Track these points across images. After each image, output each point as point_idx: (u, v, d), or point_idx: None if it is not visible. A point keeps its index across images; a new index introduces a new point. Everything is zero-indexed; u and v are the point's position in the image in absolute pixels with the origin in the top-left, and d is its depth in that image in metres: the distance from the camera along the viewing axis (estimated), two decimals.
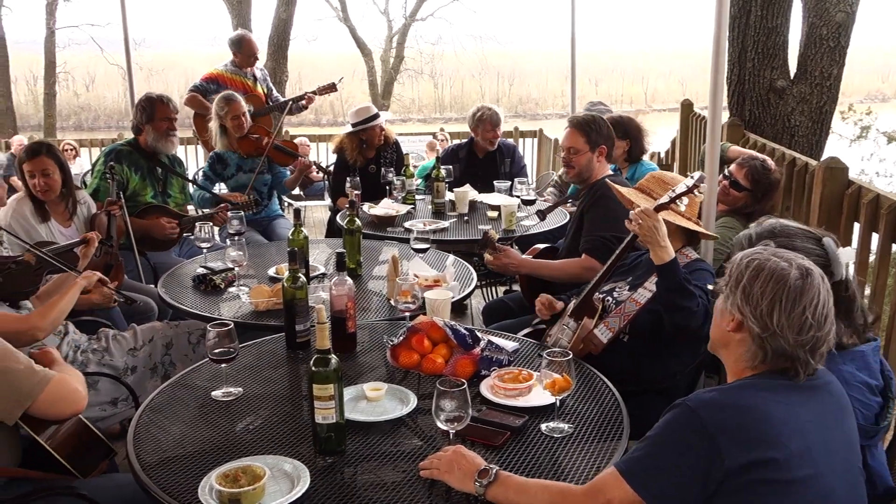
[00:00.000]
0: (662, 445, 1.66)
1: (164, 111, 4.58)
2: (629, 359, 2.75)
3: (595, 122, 3.65)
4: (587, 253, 3.47)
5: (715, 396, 1.68)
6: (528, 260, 3.66)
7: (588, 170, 3.65)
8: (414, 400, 2.31)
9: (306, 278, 2.79)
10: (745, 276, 1.72)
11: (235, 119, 5.11)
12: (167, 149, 4.65)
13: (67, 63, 22.70)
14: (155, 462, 2.03)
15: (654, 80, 34.01)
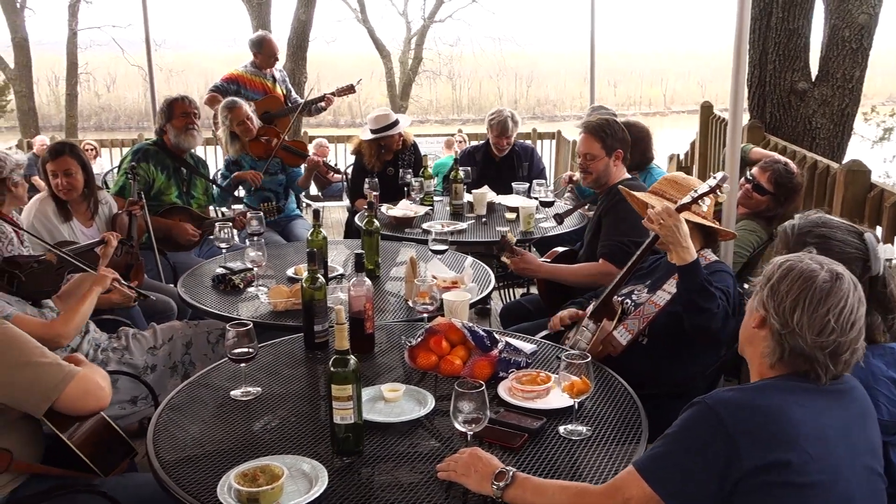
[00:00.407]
0: (681, 443, 1.65)
1: (181, 107, 4.63)
2: (648, 361, 2.74)
3: (609, 127, 3.63)
4: (605, 258, 3.45)
5: (734, 395, 1.67)
6: (545, 264, 3.65)
7: (605, 175, 3.63)
8: (431, 401, 2.31)
9: (325, 279, 2.80)
10: (776, 276, 1.72)
11: (241, 124, 5.15)
12: (189, 143, 4.69)
13: (89, 64, 22.90)
14: (174, 461, 2.04)
15: (673, 81, 33.84)
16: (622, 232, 3.42)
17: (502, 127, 5.37)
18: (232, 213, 5.16)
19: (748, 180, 3.71)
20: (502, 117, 5.37)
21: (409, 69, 24.04)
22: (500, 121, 5.37)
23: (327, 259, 3.48)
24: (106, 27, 21.55)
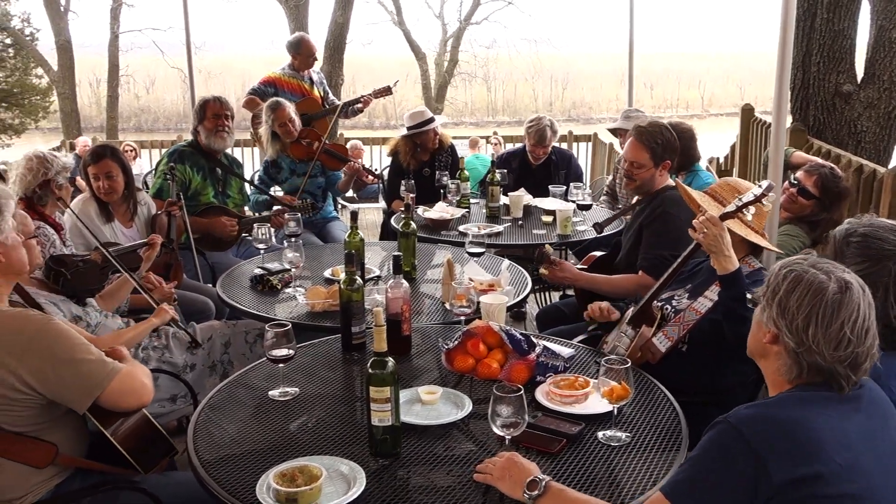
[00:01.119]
0: (707, 465, 1.62)
1: (212, 108, 4.67)
2: (688, 369, 2.70)
3: (661, 135, 3.50)
4: (644, 271, 3.39)
5: (756, 411, 1.64)
6: (583, 274, 3.59)
7: (649, 184, 3.56)
8: (469, 404, 2.30)
9: (362, 280, 2.80)
10: (782, 289, 1.68)
11: (283, 126, 5.17)
12: (219, 145, 4.73)
13: (129, 66, 23.29)
14: (214, 459, 2.06)
15: (711, 83, 33.49)
16: (664, 245, 3.35)
17: (540, 136, 5.31)
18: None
19: (792, 184, 3.65)
20: (541, 126, 5.29)
21: (445, 71, 24.07)
22: (538, 129, 5.30)
23: (364, 261, 3.48)
24: (146, 30, 21.89)
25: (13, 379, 2.04)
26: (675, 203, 3.39)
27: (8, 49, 20.88)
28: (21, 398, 2.06)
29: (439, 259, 3.96)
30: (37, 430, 2.13)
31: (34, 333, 2.09)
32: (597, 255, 3.78)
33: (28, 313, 2.17)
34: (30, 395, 2.07)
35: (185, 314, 3.83)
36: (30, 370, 2.05)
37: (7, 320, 2.11)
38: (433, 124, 5.41)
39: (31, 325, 2.11)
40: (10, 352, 2.05)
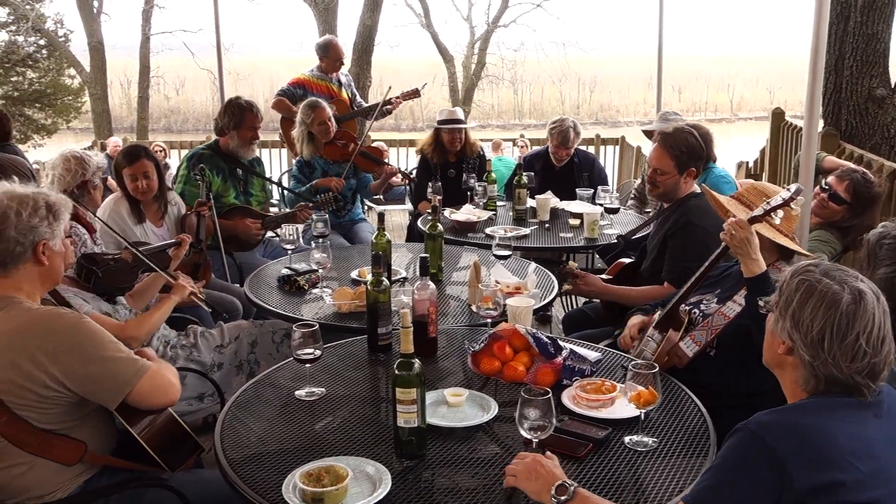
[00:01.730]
0: (729, 474, 1.60)
1: (252, 120, 4.68)
2: (716, 374, 2.67)
3: (687, 144, 3.44)
4: (670, 283, 3.36)
5: (777, 418, 1.62)
6: (608, 287, 3.56)
7: (673, 191, 3.51)
8: (495, 407, 2.30)
9: (388, 282, 2.81)
10: (795, 300, 1.67)
11: (322, 125, 5.18)
12: (247, 155, 4.76)
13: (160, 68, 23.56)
14: (240, 458, 2.07)
15: (741, 87, 33.19)
16: (689, 257, 3.27)
17: (563, 137, 5.29)
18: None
19: (823, 189, 3.60)
20: (564, 127, 5.28)
21: (472, 74, 24.06)
22: (561, 130, 5.29)
23: (391, 262, 3.49)
24: (177, 32, 22.13)
25: (45, 377, 2.07)
26: (699, 213, 3.36)
27: (41, 50, 21.23)
28: (52, 396, 2.09)
29: (465, 261, 3.96)
30: (66, 428, 2.16)
31: (66, 332, 2.12)
32: (624, 262, 3.75)
33: (59, 311, 2.20)
34: (61, 392, 2.10)
35: (214, 314, 3.87)
36: (61, 368, 2.08)
37: (39, 319, 2.14)
38: (458, 125, 5.45)
39: (62, 324, 2.13)
40: (43, 350, 2.07)
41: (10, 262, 2.16)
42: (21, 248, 2.17)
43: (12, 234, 2.15)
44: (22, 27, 20.60)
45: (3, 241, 2.14)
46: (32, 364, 2.06)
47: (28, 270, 2.20)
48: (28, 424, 2.09)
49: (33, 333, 2.10)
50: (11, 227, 2.15)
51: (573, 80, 30.89)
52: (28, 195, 2.21)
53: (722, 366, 2.69)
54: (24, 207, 2.17)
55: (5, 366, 2.06)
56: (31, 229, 2.18)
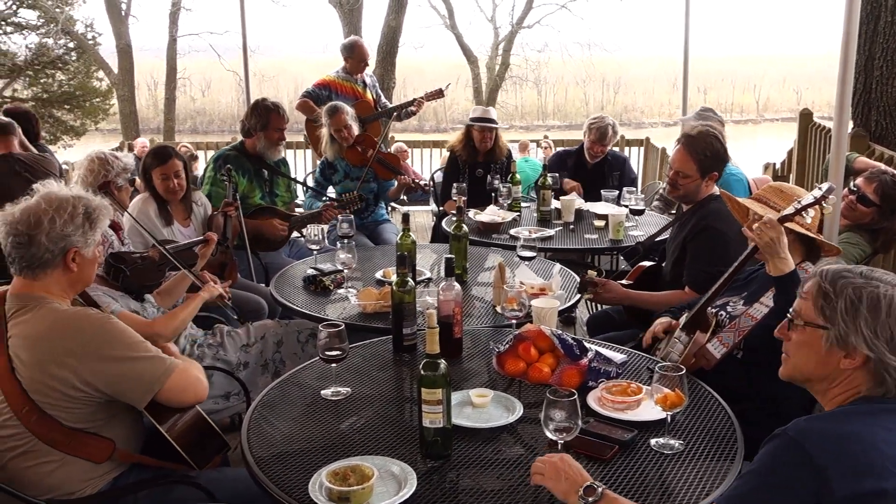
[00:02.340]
0: (765, 479, 1.58)
1: (278, 122, 4.71)
2: (743, 376, 2.65)
3: (710, 147, 3.41)
4: (690, 287, 3.34)
5: (818, 424, 1.60)
6: (629, 293, 3.53)
7: (694, 193, 3.49)
8: (520, 408, 2.29)
9: (413, 282, 2.81)
10: (864, 309, 1.63)
11: (339, 131, 5.21)
12: (273, 157, 4.80)
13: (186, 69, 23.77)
14: (267, 457, 2.09)
15: (767, 88, 32.87)
16: (709, 261, 3.26)
17: (601, 133, 5.31)
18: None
19: (852, 191, 3.56)
20: (604, 124, 5.32)
21: (496, 75, 24.04)
22: (600, 126, 5.32)
23: (415, 263, 3.50)
24: (204, 34, 22.31)
25: (74, 378, 2.09)
26: (719, 217, 3.33)
27: (71, 53, 21.51)
28: (81, 396, 2.12)
29: (490, 262, 3.96)
30: (95, 427, 2.18)
31: (94, 333, 2.14)
32: (645, 266, 3.73)
33: (87, 312, 2.21)
34: (90, 393, 2.12)
35: (240, 314, 3.90)
36: (90, 369, 2.10)
37: (67, 320, 2.16)
38: (490, 124, 5.49)
39: (90, 325, 2.16)
40: (71, 351, 2.09)
41: (39, 267, 2.18)
42: (50, 256, 2.17)
43: (43, 241, 2.15)
44: (52, 30, 20.88)
45: (33, 245, 2.15)
46: (61, 365, 2.08)
47: (56, 276, 2.21)
48: (57, 423, 2.12)
49: (61, 335, 2.12)
50: (43, 234, 2.15)
51: (597, 82, 30.76)
52: (68, 200, 2.22)
53: (749, 368, 2.67)
54: (60, 214, 2.18)
55: (35, 367, 2.09)
56: (64, 237, 2.18)
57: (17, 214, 2.17)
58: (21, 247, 2.15)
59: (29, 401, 2.09)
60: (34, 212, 2.17)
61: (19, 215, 2.17)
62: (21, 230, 2.15)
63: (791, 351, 1.82)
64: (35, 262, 2.17)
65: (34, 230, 2.15)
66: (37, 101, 20.18)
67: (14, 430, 2.12)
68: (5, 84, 21.25)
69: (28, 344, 2.11)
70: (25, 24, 21.09)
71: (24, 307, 2.16)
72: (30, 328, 2.13)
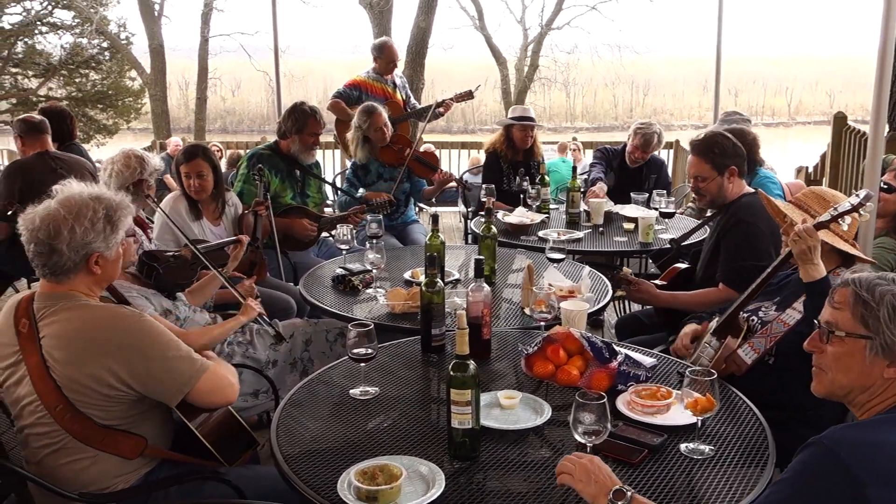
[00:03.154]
0: (801, 488, 1.56)
1: (314, 127, 4.74)
2: (775, 382, 2.62)
3: (718, 144, 3.44)
4: (725, 283, 3.32)
5: (855, 434, 1.58)
6: (662, 293, 3.52)
7: (720, 194, 3.48)
8: (548, 411, 2.29)
9: (442, 283, 2.82)
10: None
11: (378, 131, 5.21)
12: (307, 160, 4.84)
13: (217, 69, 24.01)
14: (296, 454, 2.10)
15: (799, 90, 32.48)
16: (743, 256, 3.26)
17: (646, 140, 5.35)
18: None
19: (881, 189, 3.50)
20: (650, 131, 5.35)
21: (525, 76, 23.99)
22: (645, 133, 5.35)
23: (444, 264, 3.50)
24: (235, 34, 22.53)
25: (108, 376, 2.11)
26: (750, 210, 3.31)
27: (104, 52, 21.82)
28: (115, 394, 2.14)
29: (518, 264, 3.95)
30: (128, 424, 2.20)
31: (127, 331, 2.16)
32: (679, 268, 3.70)
33: (121, 311, 2.23)
34: (123, 391, 2.14)
35: (269, 312, 3.93)
36: (124, 367, 2.12)
37: (101, 319, 2.17)
38: (532, 123, 5.57)
39: (123, 323, 2.17)
40: (105, 350, 2.11)
41: (62, 273, 2.18)
42: (72, 263, 2.17)
43: (64, 250, 2.14)
44: (86, 30, 21.21)
45: (54, 254, 2.14)
46: (95, 364, 2.10)
47: (81, 278, 2.21)
48: (91, 421, 2.14)
49: (95, 334, 2.13)
50: (64, 244, 2.13)
51: (626, 84, 30.61)
52: (87, 205, 2.18)
53: (781, 374, 2.63)
54: (80, 222, 2.15)
55: (69, 366, 2.11)
56: (85, 245, 2.16)
57: (38, 221, 2.14)
58: (42, 255, 2.15)
59: (63, 399, 2.11)
60: (53, 220, 2.13)
61: (39, 223, 2.14)
62: (41, 238, 2.13)
63: (828, 364, 1.77)
64: (58, 270, 2.16)
65: (54, 240, 2.13)
66: (70, 101, 20.52)
67: (48, 427, 2.15)
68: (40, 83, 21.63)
69: (62, 343, 2.13)
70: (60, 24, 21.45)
71: (54, 306, 2.17)
72: (63, 328, 2.14)
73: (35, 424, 2.17)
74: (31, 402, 2.14)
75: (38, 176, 4.64)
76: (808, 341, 1.84)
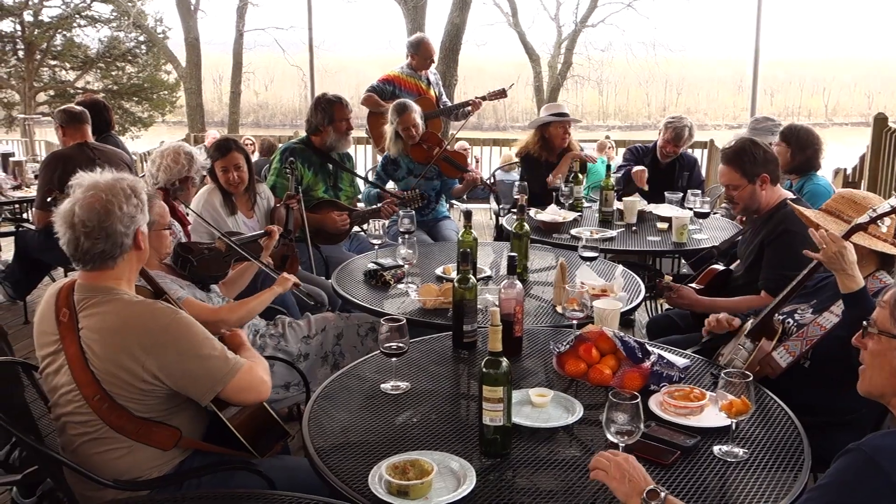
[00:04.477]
0: (839, 495, 1.54)
1: (342, 112, 4.74)
2: (809, 386, 2.58)
3: (747, 152, 3.43)
4: (767, 291, 3.27)
5: (893, 441, 1.54)
6: (702, 299, 3.47)
7: (753, 202, 3.45)
8: (580, 409, 2.28)
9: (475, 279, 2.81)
10: None
11: (406, 130, 5.22)
12: (344, 147, 4.85)
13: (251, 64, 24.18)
14: (327, 447, 2.11)
15: (837, 91, 31.97)
16: (787, 265, 3.18)
17: (677, 134, 5.29)
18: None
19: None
20: (681, 125, 5.32)
21: (558, 74, 23.86)
22: (676, 127, 5.30)
23: (476, 260, 3.50)
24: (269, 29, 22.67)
25: (142, 371, 2.12)
26: (796, 220, 3.26)
27: (141, 46, 22.10)
28: (149, 388, 2.16)
29: (549, 262, 3.93)
30: (163, 416, 2.22)
31: (163, 328, 2.16)
32: (717, 270, 3.65)
33: (157, 307, 2.23)
34: (157, 385, 2.16)
35: (301, 306, 3.95)
36: (157, 363, 2.13)
37: (138, 315, 2.18)
38: (572, 120, 5.57)
39: (159, 320, 2.18)
40: (140, 345, 2.13)
41: (119, 254, 2.20)
42: (127, 240, 2.20)
43: (119, 228, 2.17)
44: (123, 23, 21.49)
45: (111, 236, 2.16)
46: (131, 359, 2.12)
47: (130, 258, 2.25)
48: (127, 412, 2.16)
49: (132, 329, 2.15)
50: (118, 223, 2.16)
51: (660, 82, 30.32)
52: (115, 185, 2.21)
53: (816, 378, 2.60)
54: (120, 198, 2.18)
55: (107, 360, 2.13)
56: (132, 219, 2.21)
57: (81, 212, 2.15)
58: (98, 241, 2.16)
59: (101, 390, 2.14)
60: (100, 203, 2.15)
61: (84, 212, 2.15)
62: (93, 225, 2.14)
63: (867, 361, 1.77)
64: (116, 251, 2.19)
65: (106, 222, 2.15)
66: (107, 93, 20.81)
67: (86, 416, 2.17)
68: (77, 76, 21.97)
69: (100, 338, 2.14)
70: (98, 18, 21.76)
71: (94, 298, 2.19)
72: (102, 321, 2.16)
73: (72, 413, 2.19)
74: (70, 390, 2.17)
75: (78, 165, 4.71)
76: (855, 336, 1.83)
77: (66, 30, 21.59)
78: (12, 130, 20.17)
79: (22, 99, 20.84)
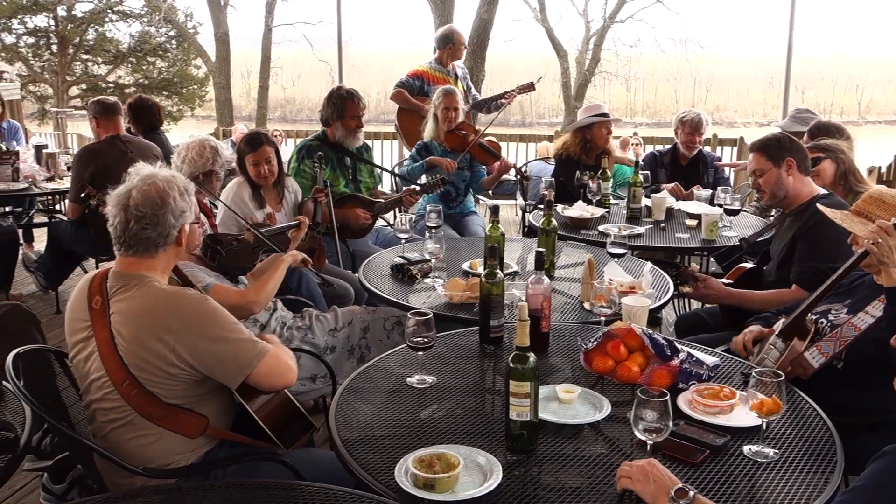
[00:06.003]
0: (874, 499, 1.52)
1: (354, 109, 4.73)
2: (842, 388, 2.54)
3: (774, 139, 3.50)
4: (799, 284, 3.24)
5: None
6: (732, 291, 3.44)
7: (780, 188, 3.42)
8: (608, 406, 2.26)
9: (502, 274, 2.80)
10: None
11: (446, 110, 5.25)
12: (352, 144, 4.82)
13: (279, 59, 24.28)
14: (353, 440, 2.11)
15: (871, 88, 31.43)
16: (820, 257, 3.18)
17: (695, 124, 5.28)
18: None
19: None
20: (694, 114, 5.33)
21: (586, 70, 23.70)
22: (692, 118, 5.30)
23: (503, 255, 3.48)
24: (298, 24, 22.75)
25: (171, 355, 2.16)
26: None
27: (171, 41, 22.30)
28: (177, 373, 2.18)
29: (576, 258, 3.91)
30: (191, 403, 2.25)
31: (191, 312, 2.20)
32: (746, 268, 3.61)
33: (186, 293, 2.27)
34: (186, 370, 2.18)
35: (328, 298, 3.96)
36: (186, 347, 2.16)
37: (167, 298, 2.22)
38: (615, 119, 5.55)
39: (188, 305, 2.22)
40: (169, 329, 2.16)
41: (163, 244, 2.27)
42: (174, 231, 2.28)
43: (169, 219, 2.25)
44: (154, 18, 21.70)
45: (160, 225, 2.24)
46: (159, 341, 2.15)
47: (169, 252, 2.31)
48: (156, 398, 2.19)
49: (161, 312, 2.18)
50: (170, 213, 2.25)
51: (689, 79, 30.00)
52: (171, 179, 2.31)
53: (850, 380, 2.55)
54: (176, 193, 2.28)
55: (136, 343, 2.16)
56: (182, 214, 2.29)
57: (138, 197, 2.23)
58: (148, 227, 2.23)
59: (129, 375, 2.17)
60: (157, 191, 2.25)
61: (141, 197, 2.23)
62: (146, 211, 2.22)
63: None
64: (161, 241, 2.26)
65: (160, 210, 2.24)
66: (138, 87, 21.02)
67: (116, 402, 2.20)
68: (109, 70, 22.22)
69: (128, 320, 2.18)
70: (130, 13, 21.98)
71: (126, 285, 2.23)
72: (131, 305, 2.20)
73: (102, 399, 2.22)
74: (100, 377, 2.20)
75: (111, 160, 4.77)
76: (894, 336, 1.80)
77: (99, 24, 21.82)
78: (45, 123, 20.46)
79: (55, 93, 21.12)
